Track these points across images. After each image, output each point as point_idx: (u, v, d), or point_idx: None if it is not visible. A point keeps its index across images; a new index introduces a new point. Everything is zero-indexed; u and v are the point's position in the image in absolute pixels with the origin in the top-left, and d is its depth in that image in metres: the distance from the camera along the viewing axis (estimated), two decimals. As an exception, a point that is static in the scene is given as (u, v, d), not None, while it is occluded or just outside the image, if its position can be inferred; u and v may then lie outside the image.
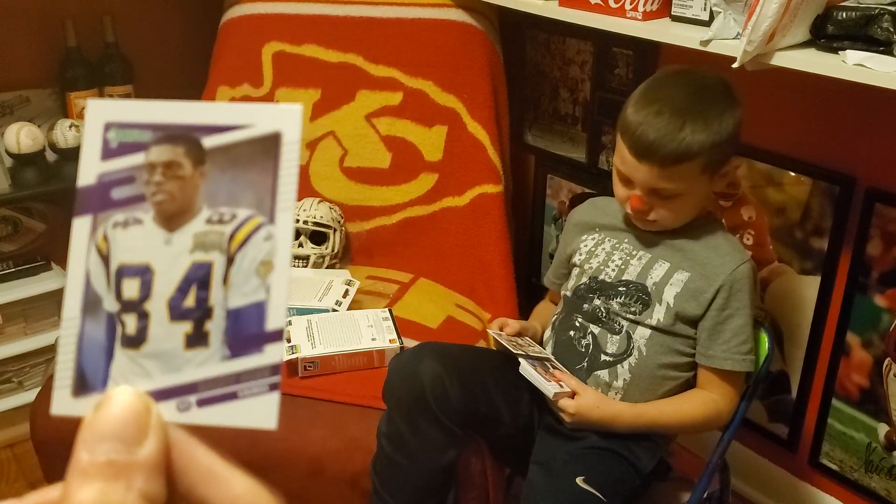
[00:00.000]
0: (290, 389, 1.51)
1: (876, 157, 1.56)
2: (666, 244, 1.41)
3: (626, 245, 1.44)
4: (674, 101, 1.30)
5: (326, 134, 2.09)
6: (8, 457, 2.05)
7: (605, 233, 1.48)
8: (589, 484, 1.28)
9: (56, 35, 2.16)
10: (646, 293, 1.38)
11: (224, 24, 2.16)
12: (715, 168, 1.33)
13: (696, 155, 1.28)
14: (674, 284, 1.37)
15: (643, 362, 1.38)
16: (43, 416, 1.54)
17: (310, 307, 1.68)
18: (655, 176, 1.30)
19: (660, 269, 1.39)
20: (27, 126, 2.06)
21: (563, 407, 1.35)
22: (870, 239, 1.58)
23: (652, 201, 1.34)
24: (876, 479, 1.67)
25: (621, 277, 1.41)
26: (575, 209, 1.61)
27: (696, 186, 1.33)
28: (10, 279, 2.13)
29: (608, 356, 1.40)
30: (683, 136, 1.27)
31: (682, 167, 1.28)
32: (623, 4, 1.58)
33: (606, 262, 1.44)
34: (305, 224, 1.93)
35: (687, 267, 1.38)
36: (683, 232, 1.40)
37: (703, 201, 1.39)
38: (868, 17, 1.27)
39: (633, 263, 1.41)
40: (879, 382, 1.62)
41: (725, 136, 1.30)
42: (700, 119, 1.28)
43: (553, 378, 1.37)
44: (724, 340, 1.34)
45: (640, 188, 1.33)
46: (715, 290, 1.34)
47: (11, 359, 2.16)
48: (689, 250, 1.39)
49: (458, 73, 2.05)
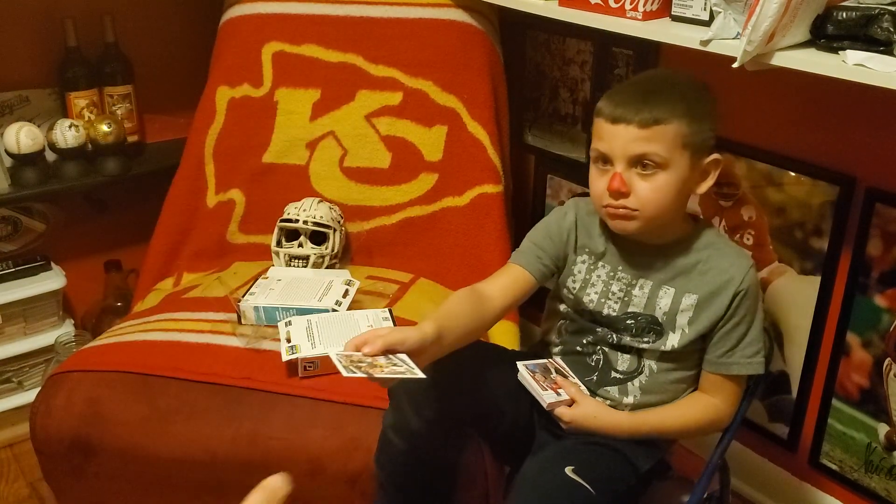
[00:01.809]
0: (290, 389, 1.51)
1: (876, 157, 1.56)
2: (662, 265, 1.36)
3: (622, 274, 1.38)
4: (649, 80, 1.33)
5: (326, 134, 2.08)
6: (8, 457, 2.05)
7: (595, 257, 1.41)
8: (578, 475, 1.27)
9: (56, 35, 2.16)
10: (657, 323, 1.35)
11: (224, 24, 2.16)
12: (695, 149, 1.28)
13: (675, 118, 1.25)
14: (685, 311, 1.33)
15: (654, 379, 1.37)
16: (43, 415, 1.54)
17: (310, 307, 1.67)
18: (634, 137, 1.25)
19: (666, 298, 1.35)
20: (27, 126, 2.06)
21: (559, 416, 1.35)
22: (870, 239, 1.58)
23: (631, 179, 1.28)
24: (876, 480, 1.67)
25: (626, 310, 1.37)
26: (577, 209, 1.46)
27: (676, 162, 1.27)
28: (9, 279, 2.13)
29: (619, 373, 1.39)
30: (661, 98, 1.27)
31: (661, 128, 1.25)
32: (623, 4, 1.58)
33: (606, 294, 1.38)
34: (305, 224, 1.93)
35: (692, 288, 1.34)
36: (681, 249, 1.36)
37: (684, 194, 1.32)
38: (868, 17, 1.27)
39: (637, 294, 1.36)
40: (879, 382, 1.62)
41: (703, 114, 1.29)
42: (676, 92, 1.29)
43: (553, 385, 1.36)
44: (731, 347, 1.34)
45: (620, 160, 1.27)
46: (727, 305, 1.32)
47: (11, 359, 2.16)
48: (690, 268, 1.35)
49: (458, 73, 2.05)
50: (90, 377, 1.58)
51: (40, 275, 2.18)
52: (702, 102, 1.31)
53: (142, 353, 1.63)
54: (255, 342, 1.63)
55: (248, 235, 2.11)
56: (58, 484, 1.59)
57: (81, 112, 2.18)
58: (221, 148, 2.11)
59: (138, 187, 2.29)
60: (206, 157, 2.12)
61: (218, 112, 2.11)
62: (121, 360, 1.61)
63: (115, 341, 1.69)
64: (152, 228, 2.13)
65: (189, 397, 1.52)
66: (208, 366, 1.57)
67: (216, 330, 1.68)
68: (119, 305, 2.33)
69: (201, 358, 1.60)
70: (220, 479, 1.47)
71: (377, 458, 1.38)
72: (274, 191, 2.08)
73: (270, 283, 1.76)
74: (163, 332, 1.69)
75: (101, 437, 1.50)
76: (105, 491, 1.55)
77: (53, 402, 1.54)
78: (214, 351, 1.62)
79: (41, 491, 1.92)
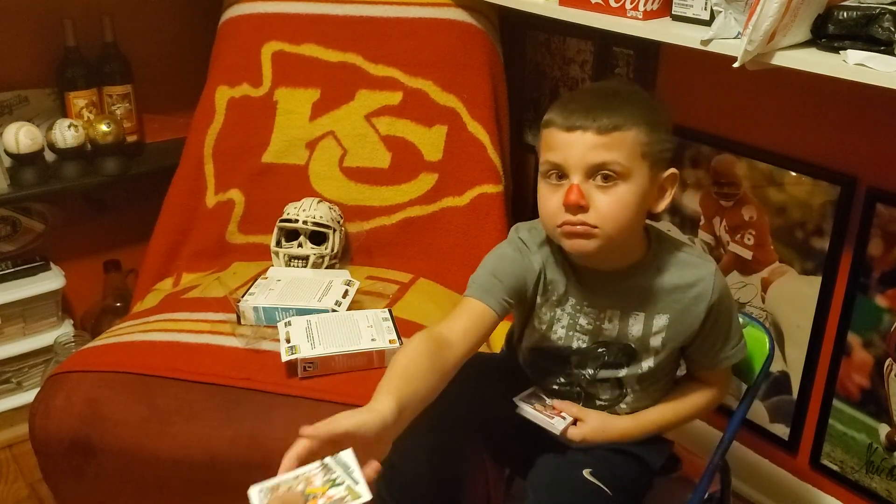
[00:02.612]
0: (290, 389, 1.51)
1: (877, 157, 1.56)
2: (628, 291, 1.27)
3: (588, 308, 1.29)
4: (602, 88, 1.26)
5: (326, 134, 2.08)
6: (7, 457, 2.05)
7: (558, 296, 1.30)
8: (596, 477, 1.25)
9: (55, 35, 2.15)
10: (628, 350, 1.31)
11: (223, 24, 2.16)
12: (654, 160, 1.19)
13: (634, 125, 1.17)
14: (658, 332, 1.29)
15: (639, 396, 1.36)
16: (42, 416, 1.54)
17: (309, 307, 1.67)
18: (592, 145, 1.15)
19: (637, 325, 1.28)
20: (26, 126, 2.06)
21: (570, 438, 1.33)
22: (871, 239, 1.58)
23: (591, 193, 1.16)
24: (877, 480, 1.67)
25: (597, 340, 1.30)
26: (527, 242, 1.32)
27: (636, 172, 1.16)
28: (8, 279, 2.13)
29: (602, 401, 1.37)
30: (619, 103, 1.18)
31: (620, 134, 1.15)
32: (623, 4, 1.58)
33: (573, 328, 1.30)
34: (305, 224, 1.93)
35: (662, 309, 1.27)
36: (639, 270, 1.27)
37: (643, 210, 1.21)
38: (869, 17, 1.27)
39: (606, 326, 1.29)
40: (880, 383, 1.62)
41: (660, 123, 1.20)
42: (633, 99, 1.21)
43: (554, 411, 1.34)
44: (719, 347, 1.33)
45: (577, 171, 1.15)
46: (702, 319, 1.27)
47: (10, 359, 2.16)
48: (658, 287, 1.26)
49: (458, 73, 2.05)
50: (89, 377, 1.57)
51: (39, 275, 2.18)
52: (658, 112, 1.22)
53: (141, 353, 1.63)
54: (255, 342, 1.63)
55: (248, 235, 2.11)
56: (57, 484, 1.58)
57: (80, 112, 2.18)
58: (221, 148, 2.11)
59: (138, 187, 2.29)
60: (206, 156, 2.11)
61: (217, 112, 2.10)
62: (120, 361, 1.60)
63: (115, 341, 1.69)
64: (152, 228, 2.13)
65: (189, 398, 1.52)
66: (208, 366, 1.57)
67: (215, 330, 1.68)
68: (118, 306, 2.33)
69: (201, 358, 1.59)
70: (219, 479, 1.46)
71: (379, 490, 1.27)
72: (273, 191, 2.08)
73: (270, 284, 1.76)
74: (162, 333, 1.69)
75: (100, 438, 1.50)
76: (105, 491, 1.55)
77: (53, 402, 1.54)
78: (214, 351, 1.61)
79: (41, 491, 1.92)
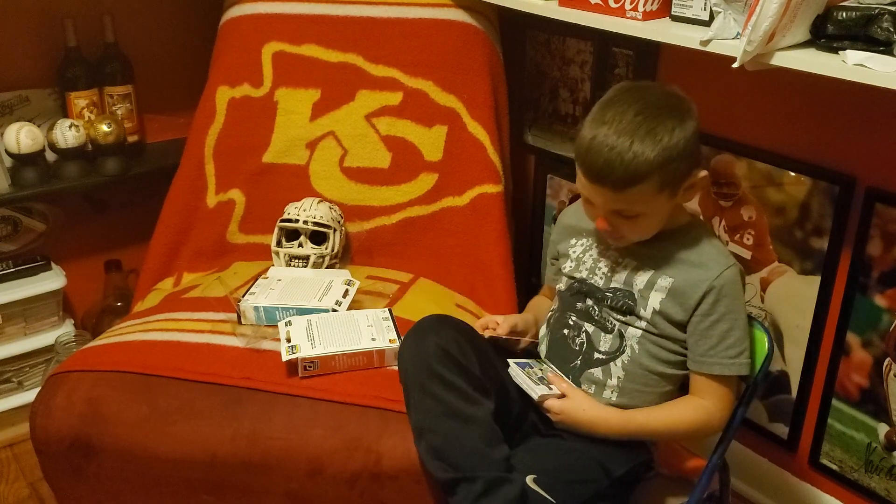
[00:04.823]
0: (290, 389, 1.51)
1: (876, 157, 1.56)
2: (651, 251, 1.41)
3: (612, 252, 1.46)
4: (621, 122, 1.28)
5: (326, 134, 2.08)
6: (8, 457, 2.05)
7: (593, 239, 1.50)
8: (538, 484, 1.29)
9: (56, 35, 2.16)
10: (631, 298, 1.40)
11: (224, 24, 2.16)
12: (673, 185, 1.31)
13: (647, 176, 1.27)
14: (658, 290, 1.38)
15: (635, 360, 1.39)
16: (43, 415, 1.54)
17: (310, 307, 1.67)
18: (611, 199, 1.31)
19: (644, 276, 1.40)
20: (27, 126, 2.06)
21: (548, 407, 1.37)
22: (870, 239, 1.58)
23: (615, 222, 1.35)
24: (876, 480, 1.67)
25: (609, 285, 1.43)
26: (564, 211, 1.63)
27: (655, 205, 1.33)
28: (9, 279, 2.13)
29: (601, 354, 1.42)
30: (631, 157, 1.26)
31: (635, 189, 1.28)
32: (623, 4, 1.58)
33: (594, 270, 1.46)
34: (305, 224, 1.93)
35: (670, 272, 1.38)
36: (669, 238, 1.40)
37: (668, 216, 1.38)
38: (868, 17, 1.27)
39: (619, 271, 1.43)
40: (879, 382, 1.62)
41: (677, 152, 1.28)
42: (648, 139, 1.27)
43: (545, 381, 1.39)
44: (712, 345, 1.35)
45: (602, 210, 1.35)
46: (700, 296, 1.35)
47: (11, 359, 2.16)
48: (674, 256, 1.39)
49: (458, 73, 2.05)
50: (90, 377, 1.58)
51: (40, 275, 2.18)
52: (676, 134, 1.28)
53: (142, 353, 1.63)
54: (255, 342, 1.63)
55: (248, 235, 2.11)
56: (58, 484, 1.58)
57: (81, 112, 2.18)
58: (221, 148, 2.11)
59: (138, 187, 2.29)
60: (207, 156, 2.12)
61: (218, 112, 2.11)
62: (121, 360, 1.61)
63: (115, 341, 1.69)
64: (152, 228, 2.13)
65: (189, 397, 1.52)
66: (208, 366, 1.57)
67: (216, 330, 1.68)
68: (119, 305, 2.33)
69: (201, 358, 1.60)
70: (220, 479, 1.47)
71: (424, 454, 1.36)
72: (274, 191, 2.08)
73: (270, 283, 1.77)
74: (163, 332, 1.69)
75: (101, 437, 1.50)
76: (105, 491, 1.55)
77: (53, 402, 1.54)
78: (214, 351, 1.62)
79: (41, 491, 1.92)
